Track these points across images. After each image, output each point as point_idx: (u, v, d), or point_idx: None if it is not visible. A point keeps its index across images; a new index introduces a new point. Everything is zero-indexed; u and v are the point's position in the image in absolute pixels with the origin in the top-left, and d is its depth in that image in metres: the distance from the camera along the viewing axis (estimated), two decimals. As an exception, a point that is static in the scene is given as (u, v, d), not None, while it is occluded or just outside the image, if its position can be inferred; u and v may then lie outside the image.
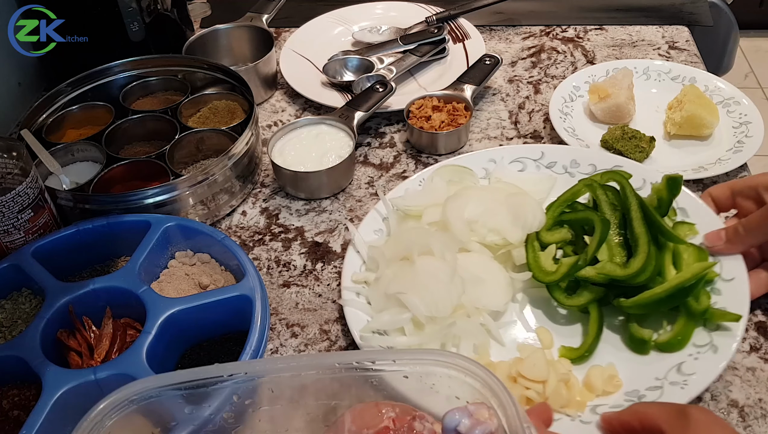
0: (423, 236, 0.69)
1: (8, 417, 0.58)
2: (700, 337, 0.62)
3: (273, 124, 0.97)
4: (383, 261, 0.70)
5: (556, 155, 0.80)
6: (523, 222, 0.70)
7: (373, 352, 0.61)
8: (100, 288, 0.64)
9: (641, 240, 0.64)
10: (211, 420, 0.49)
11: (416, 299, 0.64)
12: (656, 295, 0.62)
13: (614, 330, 0.65)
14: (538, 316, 0.68)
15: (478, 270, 0.68)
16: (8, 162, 0.65)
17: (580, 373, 0.62)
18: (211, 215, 0.81)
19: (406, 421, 0.47)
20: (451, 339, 0.64)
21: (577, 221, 0.70)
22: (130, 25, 0.96)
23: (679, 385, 0.58)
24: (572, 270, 0.65)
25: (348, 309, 0.67)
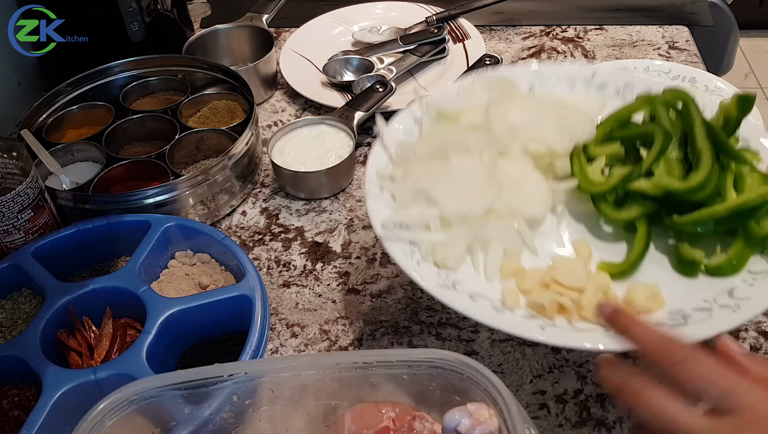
0: (461, 134, 0.64)
1: (8, 417, 0.58)
2: (757, 264, 0.57)
3: (273, 124, 0.97)
4: (414, 158, 0.65)
5: (609, 77, 0.73)
6: (571, 134, 0.65)
7: (374, 352, 0.61)
8: (100, 288, 0.64)
9: (704, 155, 0.59)
10: (211, 420, 0.49)
11: (447, 196, 0.60)
12: (716, 213, 0.57)
13: (661, 252, 0.61)
14: (579, 231, 0.63)
15: (517, 175, 0.63)
16: (8, 162, 0.65)
17: (620, 292, 0.57)
18: (211, 215, 0.81)
19: (406, 421, 0.47)
20: (480, 241, 0.60)
21: (631, 138, 0.64)
22: (130, 25, 0.96)
23: (730, 308, 0.53)
24: (624, 182, 0.60)
25: (370, 201, 0.62)
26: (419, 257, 0.59)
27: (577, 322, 0.55)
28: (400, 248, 0.58)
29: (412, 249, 0.59)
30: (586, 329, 0.55)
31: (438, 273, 0.58)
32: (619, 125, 0.66)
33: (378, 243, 0.78)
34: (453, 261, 0.59)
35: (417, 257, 0.59)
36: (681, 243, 0.59)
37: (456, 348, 0.67)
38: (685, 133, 0.63)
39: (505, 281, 0.59)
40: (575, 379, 0.64)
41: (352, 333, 0.69)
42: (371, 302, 0.72)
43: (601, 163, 0.64)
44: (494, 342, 0.68)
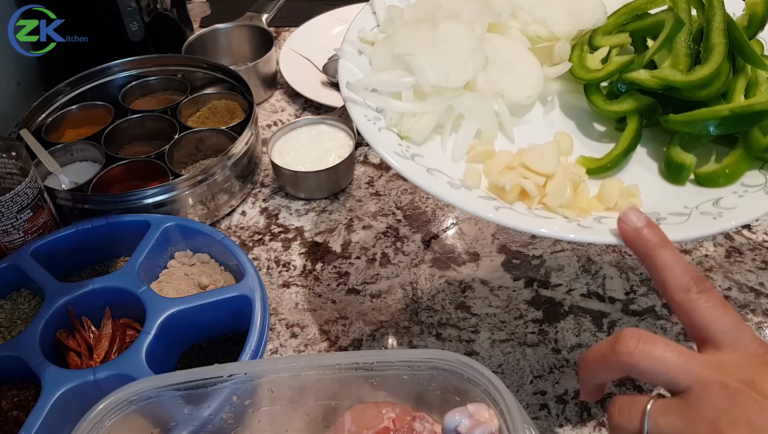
0: (454, 1, 0.59)
1: (7, 417, 0.58)
2: (754, 178, 0.51)
3: (273, 124, 0.96)
4: (399, 22, 0.59)
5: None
6: (577, 19, 0.59)
7: (374, 352, 0.60)
8: (100, 289, 0.64)
9: (716, 50, 0.53)
10: (210, 420, 0.49)
11: (425, 63, 0.54)
12: (717, 113, 0.51)
13: (650, 157, 0.56)
14: (566, 125, 0.58)
15: (508, 54, 0.57)
16: (7, 162, 0.65)
17: (594, 190, 0.52)
18: (210, 215, 0.80)
19: (406, 422, 0.47)
20: (453, 117, 0.55)
21: (643, 31, 0.59)
22: (129, 24, 0.96)
23: (711, 216, 0.48)
24: (622, 71, 0.55)
25: (343, 61, 0.57)
26: (382, 125, 0.54)
27: (538, 210, 0.51)
28: (363, 112, 0.54)
29: (377, 117, 0.54)
30: (546, 216, 0.50)
31: (399, 144, 0.53)
32: (633, 17, 0.60)
33: (378, 243, 0.78)
34: (418, 134, 0.54)
35: (381, 124, 0.54)
36: (672, 146, 0.54)
37: (456, 349, 0.67)
38: (703, 28, 0.56)
39: (472, 164, 0.54)
40: (576, 380, 0.64)
41: (352, 333, 0.69)
42: (371, 302, 0.72)
43: (604, 54, 0.59)
44: (494, 342, 0.67)
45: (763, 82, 0.56)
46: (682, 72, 0.54)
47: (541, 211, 0.51)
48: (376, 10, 0.62)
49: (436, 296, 0.72)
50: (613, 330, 0.68)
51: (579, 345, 0.67)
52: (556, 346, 0.67)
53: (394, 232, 0.79)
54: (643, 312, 0.70)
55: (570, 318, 0.70)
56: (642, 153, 0.56)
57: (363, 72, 0.57)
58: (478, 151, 0.54)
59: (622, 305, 0.71)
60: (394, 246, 0.78)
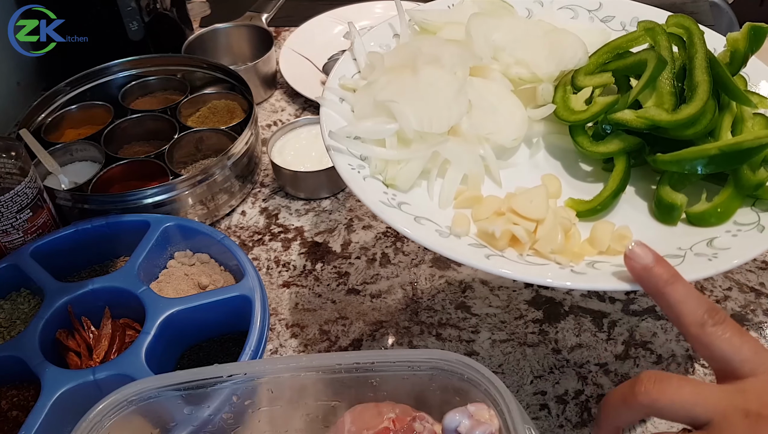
0: (434, 46, 0.58)
1: (7, 417, 0.58)
2: (745, 216, 0.50)
3: (272, 124, 0.96)
4: (381, 68, 0.58)
5: (617, 9, 0.68)
6: (558, 59, 0.59)
7: (374, 353, 0.60)
8: (99, 289, 0.64)
9: (701, 88, 0.53)
10: (210, 420, 0.49)
11: (408, 109, 0.53)
12: (706, 152, 0.50)
13: (640, 196, 0.55)
14: (553, 167, 0.57)
15: (491, 97, 0.57)
16: (7, 162, 0.65)
17: (585, 233, 0.51)
18: (210, 215, 0.80)
19: (406, 422, 0.47)
20: (438, 163, 0.54)
21: (625, 69, 0.58)
22: (129, 24, 0.96)
23: (705, 257, 0.47)
24: (606, 112, 0.54)
25: (324, 109, 0.56)
26: (367, 173, 0.53)
27: (530, 256, 0.50)
28: (347, 161, 0.53)
29: (362, 165, 0.53)
30: (537, 263, 0.49)
31: (385, 192, 0.52)
32: (614, 56, 0.60)
33: (378, 243, 0.78)
34: (404, 182, 0.53)
35: (365, 173, 0.53)
36: (662, 186, 0.53)
37: (456, 349, 0.67)
38: (685, 66, 0.56)
39: (460, 210, 0.53)
40: (576, 380, 0.64)
41: (352, 333, 0.69)
42: (371, 302, 0.72)
43: (587, 94, 0.58)
44: (494, 342, 0.67)
45: (749, 117, 0.55)
46: (668, 111, 0.53)
47: (532, 258, 0.50)
48: (357, 56, 0.61)
49: (436, 296, 0.72)
50: (613, 331, 0.68)
51: (579, 345, 0.67)
52: (557, 346, 0.67)
53: (394, 232, 0.79)
54: (643, 312, 0.70)
55: (570, 319, 0.70)
56: (631, 192, 0.55)
57: (345, 119, 0.56)
58: (465, 196, 0.54)
59: (623, 305, 0.71)
60: (394, 246, 0.78)
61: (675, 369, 0.64)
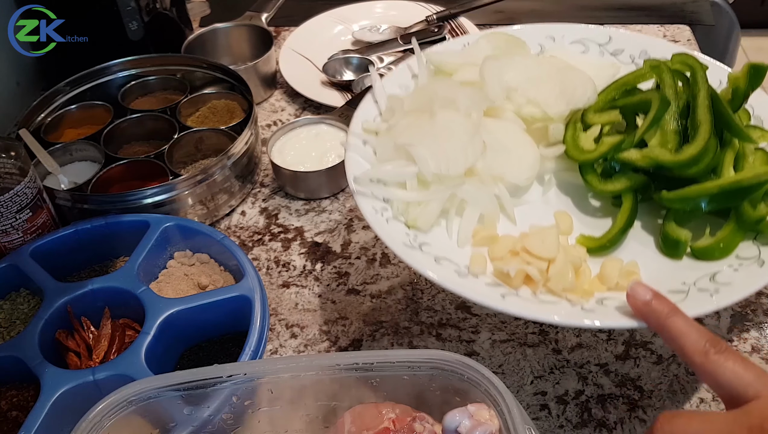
0: (449, 89, 0.61)
1: (7, 417, 0.58)
2: (747, 250, 0.53)
3: (272, 124, 0.96)
4: (400, 112, 0.62)
5: (626, 42, 0.70)
6: (569, 97, 0.61)
7: (374, 353, 0.60)
8: (99, 289, 0.64)
9: (702, 127, 0.55)
10: (210, 421, 0.49)
11: (426, 152, 0.57)
12: (707, 190, 0.53)
13: (647, 231, 0.57)
14: (564, 203, 0.60)
15: (505, 138, 0.60)
16: (6, 161, 0.65)
17: (596, 267, 0.54)
18: (210, 215, 0.80)
19: (406, 422, 0.47)
20: (456, 203, 0.58)
21: (632, 107, 0.60)
22: (129, 24, 0.96)
23: (708, 292, 0.50)
24: (613, 151, 0.57)
25: (349, 154, 0.60)
26: (390, 215, 0.56)
27: (543, 294, 0.52)
28: (371, 204, 0.56)
29: (385, 207, 0.56)
30: (550, 301, 0.51)
31: (407, 233, 0.55)
32: (622, 93, 0.62)
33: (378, 243, 0.78)
34: (425, 223, 0.56)
35: (388, 215, 0.56)
36: (668, 222, 0.55)
37: (456, 349, 0.67)
38: (689, 103, 0.58)
39: (477, 248, 0.56)
40: (576, 380, 0.64)
41: (352, 333, 0.69)
42: (371, 302, 0.72)
43: (596, 132, 0.60)
44: (495, 342, 0.67)
45: (750, 153, 0.57)
46: (671, 151, 0.55)
47: (545, 295, 0.52)
48: (378, 99, 0.65)
49: (436, 296, 0.72)
50: (613, 331, 0.68)
51: (579, 345, 0.67)
52: (557, 347, 0.67)
53: (394, 232, 0.79)
54: (644, 312, 0.70)
55: (570, 319, 0.69)
56: (637, 226, 0.57)
57: (368, 162, 0.60)
58: (482, 236, 0.56)
59: (623, 305, 0.71)
60: (394, 246, 0.77)
61: (675, 370, 0.64)
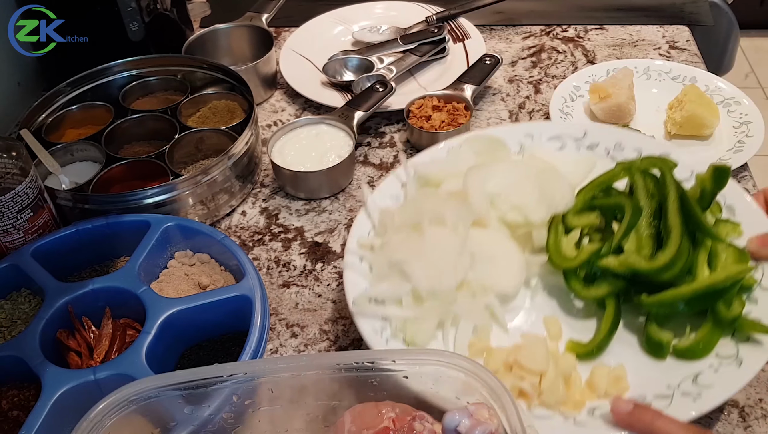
0: (437, 204, 0.65)
1: (8, 417, 0.58)
2: (726, 348, 0.56)
3: (273, 124, 0.96)
4: (392, 228, 0.66)
5: (600, 136, 0.73)
6: (549, 202, 0.64)
7: (374, 352, 0.60)
8: (100, 289, 0.64)
9: (674, 232, 0.58)
10: (210, 420, 0.49)
11: (419, 270, 0.60)
12: (682, 295, 0.56)
13: (632, 331, 0.60)
14: (551, 306, 0.63)
15: (491, 247, 0.63)
16: (7, 162, 0.65)
17: (586, 372, 0.57)
18: (210, 215, 0.81)
19: (406, 422, 0.47)
20: (450, 317, 0.61)
21: (609, 207, 0.64)
22: (129, 24, 0.96)
23: (691, 397, 0.53)
24: (593, 258, 0.60)
25: (347, 273, 0.63)
26: (389, 334, 0.60)
27: (537, 408, 0.55)
28: (371, 325, 0.60)
29: (384, 325, 0.60)
30: (545, 416, 0.54)
31: None
32: (599, 192, 0.66)
33: (378, 243, 0.78)
34: (423, 338, 0.60)
35: (387, 334, 0.60)
36: (649, 324, 0.58)
37: (456, 348, 0.67)
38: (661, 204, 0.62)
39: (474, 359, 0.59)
40: (575, 379, 0.64)
41: (352, 333, 0.69)
42: (371, 302, 0.72)
43: (577, 234, 0.63)
44: (494, 342, 0.68)
45: (723, 250, 0.60)
46: (646, 257, 0.58)
47: (540, 410, 0.55)
48: (370, 212, 0.68)
49: (436, 296, 0.72)
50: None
51: (579, 345, 0.67)
52: (556, 346, 0.67)
53: (394, 232, 0.79)
54: (643, 312, 0.70)
55: (570, 318, 0.70)
56: (622, 326, 0.60)
57: (365, 278, 0.63)
58: (477, 348, 0.59)
59: (622, 305, 0.71)
60: (394, 246, 0.78)
61: (675, 369, 0.64)
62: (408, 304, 0.61)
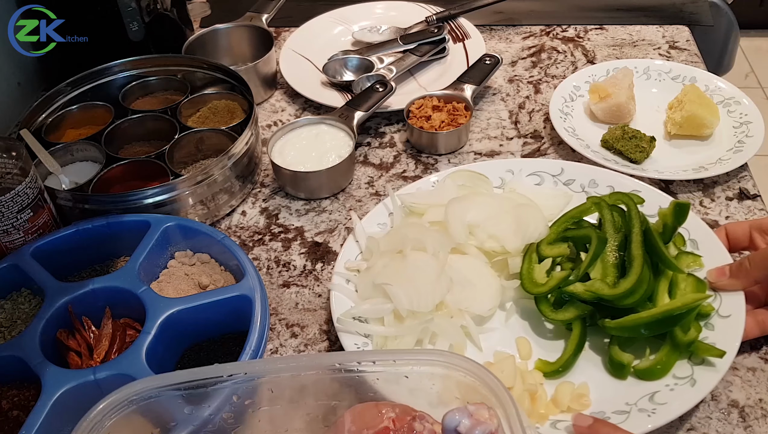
0: (419, 232, 0.70)
1: (8, 417, 0.58)
2: (682, 369, 0.60)
3: (273, 124, 0.96)
4: (377, 253, 0.70)
5: (576, 172, 0.79)
6: (524, 232, 0.69)
7: (374, 352, 0.61)
8: (100, 289, 0.64)
9: (635, 262, 0.64)
10: (210, 420, 0.49)
11: (401, 291, 0.64)
12: (641, 319, 0.61)
13: (597, 352, 0.65)
14: (524, 328, 0.67)
15: (469, 272, 0.68)
16: (8, 162, 0.65)
17: (552, 388, 0.61)
18: (210, 215, 0.81)
19: (406, 421, 0.47)
20: (428, 335, 0.65)
21: (580, 238, 0.69)
22: (129, 24, 0.96)
23: (646, 412, 0.57)
24: (561, 284, 0.65)
25: (334, 294, 0.68)
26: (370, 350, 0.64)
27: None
28: (353, 341, 0.64)
29: (366, 342, 0.64)
30: None
31: None
32: (571, 224, 0.71)
33: (378, 243, 0.78)
34: None
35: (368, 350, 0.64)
36: (612, 346, 0.63)
37: (456, 348, 0.67)
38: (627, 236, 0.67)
39: None
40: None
41: (352, 333, 0.69)
42: (371, 302, 0.72)
43: (549, 263, 0.68)
44: (494, 342, 0.68)
45: (682, 280, 0.65)
46: (610, 284, 0.63)
47: None
48: (358, 238, 0.74)
49: (436, 296, 0.72)
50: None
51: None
52: None
53: (394, 232, 0.79)
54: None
55: (570, 319, 0.70)
56: (588, 347, 0.65)
57: (351, 298, 0.68)
58: None
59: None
60: (394, 246, 0.78)
61: (674, 369, 0.64)
62: (389, 322, 0.65)
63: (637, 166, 0.83)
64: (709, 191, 0.81)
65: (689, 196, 0.81)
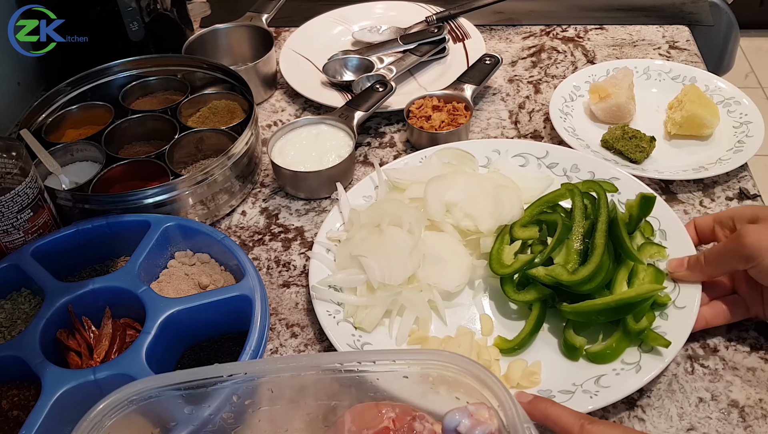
0: (397, 208, 0.72)
1: (8, 417, 0.58)
2: (632, 355, 0.62)
3: (273, 124, 0.96)
4: (358, 225, 0.73)
5: (560, 157, 0.81)
6: (499, 214, 0.71)
7: (374, 352, 0.61)
8: (100, 289, 0.64)
9: (597, 250, 0.65)
10: (210, 420, 0.49)
11: (374, 264, 0.67)
12: (595, 306, 0.63)
13: (555, 334, 0.66)
14: (489, 306, 0.70)
15: (442, 249, 0.70)
16: (7, 162, 0.65)
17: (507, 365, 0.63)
18: (210, 215, 0.81)
19: (406, 421, 0.47)
20: (397, 307, 0.68)
21: (550, 223, 0.71)
22: (129, 24, 0.96)
23: (589, 394, 0.59)
24: (526, 267, 0.67)
25: (313, 262, 0.71)
26: (341, 317, 0.67)
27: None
28: (326, 307, 0.67)
29: (338, 310, 0.67)
30: None
31: (353, 334, 0.65)
32: (546, 208, 0.73)
33: (378, 243, 0.78)
34: (369, 324, 0.66)
35: (339, 317, 0.67)
36: (567, 329, 0.64)
37: (456, 348, 0.67)
38: (593, 225, 0.68)
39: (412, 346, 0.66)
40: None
41: (352, 333, 0.69)
42: (371, 302, 0.72)
43: (518, 245, 0.70)
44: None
45: (642, 270, 0.66)
46: (569, 271, 0.65)
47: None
48: (342, 209, 0.77)
49: (436, 296, 0.72)
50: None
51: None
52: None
53: (394, 232, 0.79)
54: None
55: (570, 318, 0.70)
56: (546, 329, 0.67)
57: (329, 267, 0.71)
58: (416, 336, 0.66)
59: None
60: (394, 246, 0.78)
61: (674, 368, 0.64)
62: (361, 292, 0.68)
63: (637, 166, 0.83)
64: (709, 191, 0.81)
65: (689, 195, 0.81)
